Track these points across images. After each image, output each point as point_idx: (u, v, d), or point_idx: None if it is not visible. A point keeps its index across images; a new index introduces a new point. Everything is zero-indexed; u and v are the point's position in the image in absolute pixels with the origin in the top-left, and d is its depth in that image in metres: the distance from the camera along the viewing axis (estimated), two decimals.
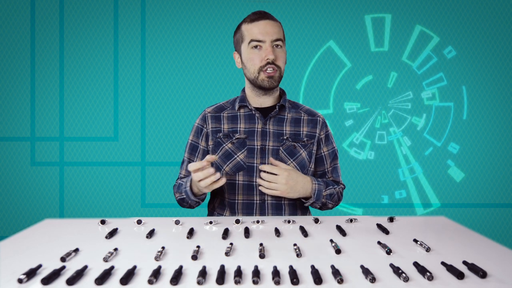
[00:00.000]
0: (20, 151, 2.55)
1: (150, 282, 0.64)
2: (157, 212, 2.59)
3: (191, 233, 0.93)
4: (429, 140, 2.58)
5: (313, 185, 1.21)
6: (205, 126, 1.31)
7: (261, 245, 0.82)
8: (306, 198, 1.23)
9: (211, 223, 1.04)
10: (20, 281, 0.64)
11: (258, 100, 1.30)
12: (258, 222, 1.06)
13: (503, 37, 2.56)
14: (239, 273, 0.66)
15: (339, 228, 0.97)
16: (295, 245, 0.82)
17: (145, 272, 0.69)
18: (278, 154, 1.25)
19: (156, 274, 0.66)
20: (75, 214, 2.56)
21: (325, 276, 0.67)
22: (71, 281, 0.63)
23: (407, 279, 0.65)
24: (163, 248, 0.80)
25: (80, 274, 0.66)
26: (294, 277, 0.65)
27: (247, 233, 0.93)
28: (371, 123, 2.58)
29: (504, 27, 2.56)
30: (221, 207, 1.29)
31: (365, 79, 2.59)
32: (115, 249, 0.80)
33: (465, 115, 2.58)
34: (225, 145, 1.26)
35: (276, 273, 0.66)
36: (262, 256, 0.76)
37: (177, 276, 0.65)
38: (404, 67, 2.58)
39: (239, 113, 1.30)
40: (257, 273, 0.66)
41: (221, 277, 0.65)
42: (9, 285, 0.64)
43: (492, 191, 2.58)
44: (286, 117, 1.30)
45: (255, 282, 0.64)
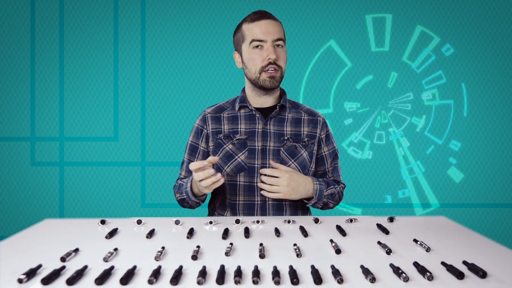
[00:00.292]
0: (20, 151, 2.55)
1: (150, 282, 0.64)
2: (157, 212, 2.59)
3: (191, 233, 0.93)
4: (430, 138, 2.58)
5: (315, 185, 1.21)
6: (205, 127, 1.31)
7: (261, 245, 0.82)
8: (307, 198, 1.23)
9: (211, 223, 1.04)
10: (20, 281, 0.64)
11: (258, 100, 1.29)
12: (258, 222, 1.06)
13: (501, 34, 2.56)
14: (239, 273, 0.66)
15: (339, 228, 0.97)
16: (295, 245, 0.82)
17: (145, 272, 0.69)
18: (279, 154, 1.25)
19: (156, 274, 0.66)
20: (75, 214, 2.56)
21: (325, 276, 0.67)
22: (71, 281, 0.63)
23: (407, 279, 0.65)
24: (163, 248, 0.80)
25: (80, 274, 0.66)
26: (294, 277, 0.65)
27: (247, 233, 0.93)
28: (370, 122, 2.58)
29: (502, 23, 2.56)
30: (222, 208, 1.29)
31: (365, 79, 2.59)
32: (115, 249, 0.80)
33: (466, 112, 2.58)
34: (225, 146, 1.26)
35: (276, 273, 0.66)
36: (262, 256, 0.76)
37: (177, 276, 0.65)
38: (404, 67, 2.58)
39: (239, 114, 1.30)
40: (257, 273, 0.66)
41: (221, 277, 0.65)
42: (9, 285, 0.64)
43: (491, 191, 2.58)
44: (286, 117, 1.30)
45: (255, 282, 0.64)
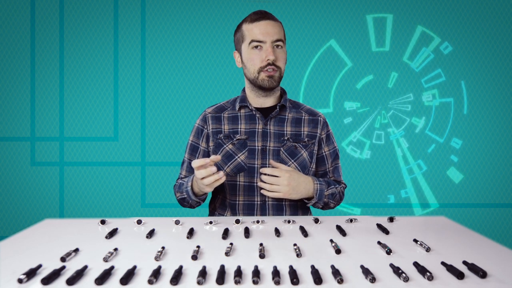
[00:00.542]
0: (20, 151, 2.55)
1: (150, 282, 0.64)
2: (157, 212, 2.59)
3: (191, 233, 0.93)
4: (431, 137, 2.58)
5: (315, 185, 1.21)
6: (206, 126, 1.31)
7: (261, 245, 0.82)
8: (308, 198, 1.23)
9: (211, 223, 1.04)
10: (20, 281, 0.64)
11: (258, 100, 1.29)
12: (258, 222, 1.06)
13: (499, 31, 2.56)
14: (239, 273, 0.66)
15: (339, 228, 0.97)
16: (295, 245, 0.82)
17: (145, 272, 0.69)
18: (279, 154, 1.25)
19: (156, 274, 0.66)
20: (75, 214, 2.56)
21: (325, 276, 0.67)
22: (71, 281, 0.64)
23: (407, 279, 0.65)
24: (163, 248, 0.80)
25: (80, 274, 0.66)
26: (294, 277, 0.65)
27: (247, 233, 0.93)
28: (370, 122, 2.58)
29: (500, 21, 2.55)
30: (222, 208, 1.29)
31: (365, 79, 2.59)
32: (115, 249, 0.80)
33: (466, 109, 2.57)
34: (226, 146, 1.26)
35: (276, 273, 0.66)
36: (262, 256, 0.76)
37: (177, 276, 0.65)
38: (404, 68, 2.58)
39: (239, 114, 1.30)
40: (257, 273, 0.66)
41: (221, 277, 0.65)
42: (9, 285, 0.64)
43: (491, 191, 2.58)
44: (287, 117, 1.30)
45: (255, 282, 0.64)
